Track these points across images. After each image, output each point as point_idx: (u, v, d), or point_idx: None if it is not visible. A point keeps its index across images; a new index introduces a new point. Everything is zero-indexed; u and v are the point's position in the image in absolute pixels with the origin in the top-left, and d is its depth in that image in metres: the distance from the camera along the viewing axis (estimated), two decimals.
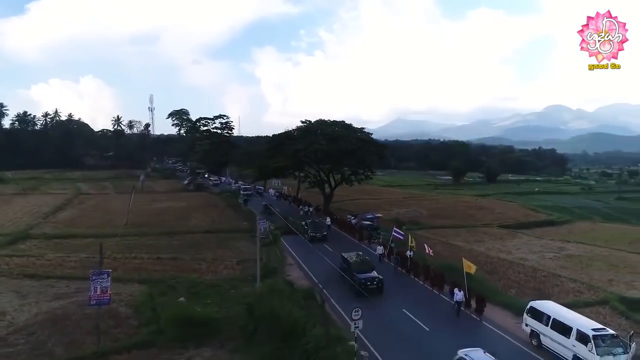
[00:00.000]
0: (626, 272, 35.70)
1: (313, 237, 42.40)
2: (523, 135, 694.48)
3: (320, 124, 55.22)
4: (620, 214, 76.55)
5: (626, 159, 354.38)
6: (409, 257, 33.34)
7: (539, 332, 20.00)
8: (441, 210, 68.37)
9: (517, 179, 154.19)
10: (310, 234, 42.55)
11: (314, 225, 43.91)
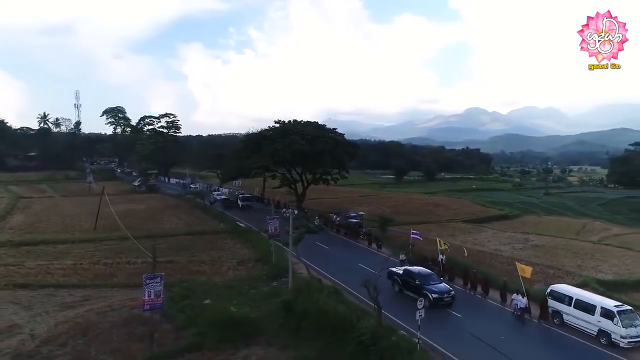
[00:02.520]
0: (587, 258, 40.34)
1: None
2: (446, 136, 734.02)
3: (295, 124, 55.95)
4: (556, 208, 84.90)
5: (537, 157, 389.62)
6: (441, 261, 32.20)
7: (562, 311, 22.71)
8: (401, 208, 71.52)
9: (452, 177, 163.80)
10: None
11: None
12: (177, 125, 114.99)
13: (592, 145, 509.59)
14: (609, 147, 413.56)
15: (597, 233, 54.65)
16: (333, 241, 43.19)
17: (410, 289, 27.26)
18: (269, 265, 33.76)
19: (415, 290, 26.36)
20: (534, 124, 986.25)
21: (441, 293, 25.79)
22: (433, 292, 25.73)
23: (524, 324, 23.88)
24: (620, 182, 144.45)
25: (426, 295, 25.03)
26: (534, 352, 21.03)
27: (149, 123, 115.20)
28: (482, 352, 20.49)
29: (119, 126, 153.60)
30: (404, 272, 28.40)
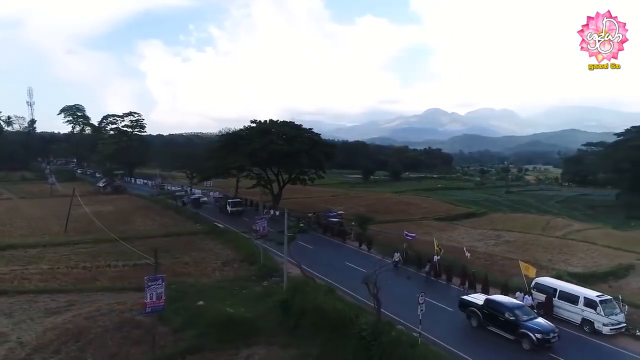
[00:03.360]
0: (557, 252, 42.54)
1: None
2: (407, 136, 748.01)
3: (272, 123, 55.87)
4: (519, 205, 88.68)
5: (494, 157, 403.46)
6: (437, 262, 32.36)
7: (548, 303, 23.95)
8: (374, 207, 72.71)
9: (417, 177, 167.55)
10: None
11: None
12: (141, 124, 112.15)
13: (544, 145, 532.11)
14: (559, 147, 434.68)
15: (560, 229, 57.59)
16: (318, 241, 43.39)
17: (498, 324, 21.97)
18: (256, 266, 33.68)
19: (508, 326, 21.31)
20: (490, 125, 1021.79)
21: (546, 332, 20.37)
22: (536, 332, 20.31)
23: None
24: (573, 181, 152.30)
25: (526, 334, 20.44)
26: None
27: (113, 122, 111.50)
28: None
29: (78, 125, 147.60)
30: (486, 304, 22.88)
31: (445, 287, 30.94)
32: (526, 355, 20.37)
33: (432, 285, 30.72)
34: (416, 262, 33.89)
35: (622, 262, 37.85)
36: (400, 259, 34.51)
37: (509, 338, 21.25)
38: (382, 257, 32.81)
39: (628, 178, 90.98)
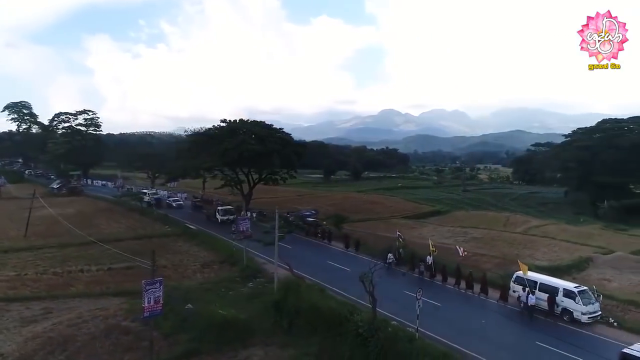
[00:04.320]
0: (521, 247, 44.77)
1: None
2: (363, 136, 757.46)
3: (243, 123, 55.23)
4: (478, 203, 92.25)
5: (447, 156, 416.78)
6: (430, 262, 32.62)
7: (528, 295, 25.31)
8: (342, 206, 73.35)
9: (377, 176, 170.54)
10: None
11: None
12: (96, 122, 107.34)
13: (493, 145, 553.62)
14: (507, 147, 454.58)
15: (520, 225, 60.51)
16: (298, 242, 43.29)
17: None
18: (239, 267, 33.36)
19: None
20: (442, 126, 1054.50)
21: None
22: None
23: (532, 319, 24.62)
24: (523, 179, 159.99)
25: None
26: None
27: (65, 120, 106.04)
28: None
29: (24, 123, 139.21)
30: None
31: (441, 287, 31.16)
32: None
33: (427, 285, 30.30)
34: (409, 262, 34.03)
35: (582, 255, 40.35)
36: (393, 259, 34.52)
37: None
38: (371, 259, 32.93)
39: (575, 177, 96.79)
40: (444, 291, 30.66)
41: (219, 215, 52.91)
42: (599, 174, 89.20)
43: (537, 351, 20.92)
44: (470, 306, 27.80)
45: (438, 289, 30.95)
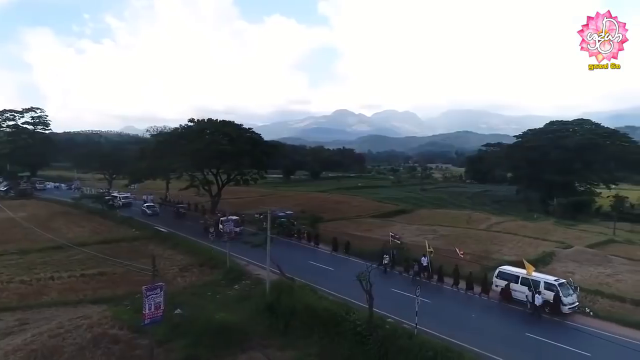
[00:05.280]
0: (489, 244, 46.69)
1: None
2: (317, 136, 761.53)
3: (212, 123, 54.06)
4: (438, 202, 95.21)
5: (399, 156, 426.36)
6: (427, 264, 32.38)
7: (510, 289, 26.56)
8: (307, 206, 73.29)
9: (336, 176, 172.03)
10: None
11: None
12: (45, 121, 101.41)
13: (442, 145, 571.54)
14: (456, 147, 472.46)
15: (482, 222, 63.10)
16: (282, 244, 42.75)
17: None
18: (222, 270, 32.69)
19: None
20: (394, 126, 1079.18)
21: None
22: None
23: (540, 318, 24.77)
24: (475, 178, 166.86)
25: None
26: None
27: (10, 118, 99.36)
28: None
29: None
30: None
31: (437, 287, 31.18)
32: None
33: (423, 287, 28.62)
34: (404, 264, 33.99)
35: (545, 250, 42.72)
36: (389, 261, 34.55)
37: None
38: (369, 261, 32.21)
39: (526, 176, 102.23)
40: (439, 291, 30.90)
41: (222, 225, 42.41)
42: (547, 173, 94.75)
43: (529, 341, 22.03)
44: (464, 304, 28.25)
45: (433, 288, 30.97)
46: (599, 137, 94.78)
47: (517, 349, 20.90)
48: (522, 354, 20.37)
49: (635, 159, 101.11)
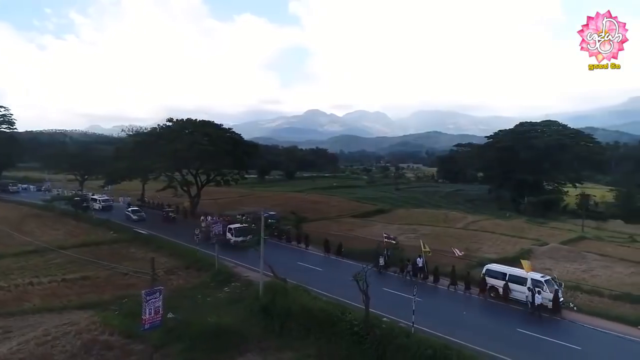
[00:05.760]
0: (469, 242, 47.77)
1: None
2: (289, 136, 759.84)
3: (191, 123, 53.17)
4: (414, 201, 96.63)
5: (371, 156, 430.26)
6: (423, 264, 32.23)
7: (497, 286, 27.33)
8: (287, 207, 73.14)
9: (310, 176, 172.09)
10: None
11: None
12: (10, 119, 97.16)
13: (413, 145, 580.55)
14: (426, 147, 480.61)
15: (459, 221, 64.51)
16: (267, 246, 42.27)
17: None
18: (210, 272, 32.26)
19: None
20: (365, 126, 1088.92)
21: None
22: None
23: (540, 318, 25.01)
24: (447, 178, 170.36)
25: None
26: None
27: None
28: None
29: None
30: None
31: (432, 287, 31.02)
32: None
33: (418, 287, 27.83)
34: (400, 264, 33.87)
35: (523, 247, 44.12)
36: (385, 263, 34.40)
37: None
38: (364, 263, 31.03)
39: (497, 175, 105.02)
40: (434, 291, 30.95)
41: (231, 235, 40.12)
42: (518, 173, 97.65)
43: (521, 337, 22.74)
44: (457, 302, 28.46)
45: (428, 288, 30.97)
46: (566, 137, 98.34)
47: (512, 345, 21.50)
48: (518, 350, 20.94)
49: (599, 159, 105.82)
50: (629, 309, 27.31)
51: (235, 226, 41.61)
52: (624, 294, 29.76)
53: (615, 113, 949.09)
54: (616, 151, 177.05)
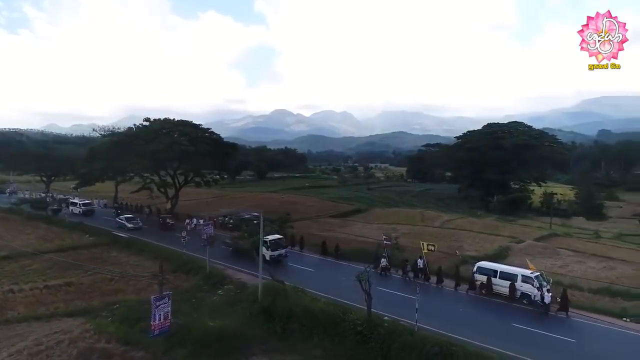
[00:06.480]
0: (449, 240, 48.81)
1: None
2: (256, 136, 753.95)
3: (169, 123, 51.92)
4: (387, 200, 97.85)
5: (339, 156, 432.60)
6: (422, 265, 32.45)
7: (489, 283, 28.17)
8: (264, 207, 72.52)
9: (281, 176, 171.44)
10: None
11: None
12: None
13: (379, 145, 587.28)
14: (392, 147, 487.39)
15: (435, 220, 65.78)
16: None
17: None
18: (200, 275, 31.69)
19: None
20: (332, 126, 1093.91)
21: None
22: None
23: (547, 317, 25.53)
24: (416, 177, 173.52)
25: None
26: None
27: None
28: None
29: None
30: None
31: (427, 286, 31.05)
32: None
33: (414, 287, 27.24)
34: (402, 264, 34.01)
35: (501, 245, 45.52)
36: (387, 264, 34.33)
37: None
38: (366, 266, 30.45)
39: (467, 175, 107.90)
40: (430, 289, 31.34)
41: (266, 249, 34.73)
42: (487, 172, 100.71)
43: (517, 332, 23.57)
44: (454, 300, 29.11)
45: (426, 288, 30.95)
46: (532, 138, 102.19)
47: (509, 340, 22.24)
48: (516, 344, 21.66)
49: (562, 159, 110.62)
50: (608, 302, 28.74)
51: (270, 238, 36.39)
52: (601, 288, 31.30)
53: (569, 114, 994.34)
54: (573, 151, 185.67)
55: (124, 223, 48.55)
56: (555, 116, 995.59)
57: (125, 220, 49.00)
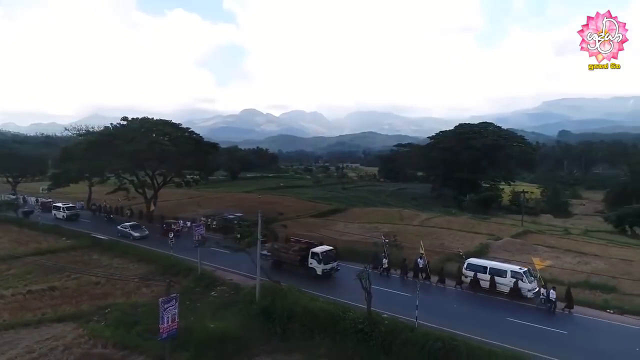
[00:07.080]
0: (430, 239, 49.74)
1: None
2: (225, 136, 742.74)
3: (148, 122, 50.68)
4: (364, 200, 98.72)
5: (309, 156, 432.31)
6: (423, 265, 32.47)
7: (480, 279, 28.98)
8: (243, 208, 72.15)
9: (254, 176, 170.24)
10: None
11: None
12: None
13: (349, 145, 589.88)
14: (362, 147, 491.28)
15: (413, 219, 66.88)
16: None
17: None
18: (191, 277, 31.18)
19: None
20: (302, 126, 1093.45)
21: None
22: None
23: (554, 314, 25.94)
24: (388, 177, 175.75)
25: None
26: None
27: None
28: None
29: None
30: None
31: (440, 289, 31.05)
32: None
33: (414, 285, 27.52)
34: (400, 266, 34.02)
35: (481, 242, 46.79)
36: (388, 265, 34.31)
37: None
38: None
39: (440, 174, 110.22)
40: (428, 288, 31.38)
41: (317, 262, 32.52)
42: (459, 172, 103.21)
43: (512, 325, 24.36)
44: (449, 297, 29.65)
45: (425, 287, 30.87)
46: (501, 138, 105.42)
47: (504, 332, 23.00)
48: (511, 337, 22.41)
49: (530, 158, 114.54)
50: (589, 294, 30.06)
51: (320, 250, 33.38)
52: (580, 281, 32.69)
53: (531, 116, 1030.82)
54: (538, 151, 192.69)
55: (128, 232, 44.66)
56: (518, 117, 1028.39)
57: (131, 228, 45.11)
